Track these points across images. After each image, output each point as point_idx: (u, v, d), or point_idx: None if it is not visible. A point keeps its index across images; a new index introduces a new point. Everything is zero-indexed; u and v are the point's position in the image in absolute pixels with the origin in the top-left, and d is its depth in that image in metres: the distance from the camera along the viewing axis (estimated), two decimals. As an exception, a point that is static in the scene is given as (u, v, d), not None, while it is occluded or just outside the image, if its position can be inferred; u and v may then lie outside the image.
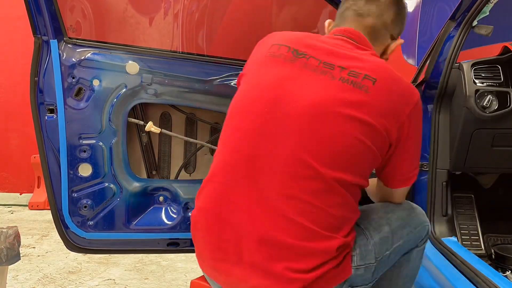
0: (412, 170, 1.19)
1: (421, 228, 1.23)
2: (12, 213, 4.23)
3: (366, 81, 1.03)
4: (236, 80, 1.75)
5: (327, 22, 1.28)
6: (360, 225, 1.12)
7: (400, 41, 1.25)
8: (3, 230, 1.59)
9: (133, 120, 1.75)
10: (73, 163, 1.66)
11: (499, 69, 1.85)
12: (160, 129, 1.75)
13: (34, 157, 4.27)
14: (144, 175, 1.86)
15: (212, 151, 1.91)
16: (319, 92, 1.03)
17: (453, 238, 1.77)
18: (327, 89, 1.03)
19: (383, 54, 1.25)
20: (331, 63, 1.06)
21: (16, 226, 1.64)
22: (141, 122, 1.76)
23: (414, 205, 1.28)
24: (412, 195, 1.90)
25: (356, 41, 1.13)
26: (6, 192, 4.70)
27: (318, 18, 2.08)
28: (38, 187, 4.45)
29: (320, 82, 1.04)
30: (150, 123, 1.72)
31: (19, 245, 1.59)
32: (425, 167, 1.88)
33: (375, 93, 1.03)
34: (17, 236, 1.60)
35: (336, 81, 1.03)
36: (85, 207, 1.68)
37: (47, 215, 1.91)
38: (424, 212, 1.29)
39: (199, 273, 1.14)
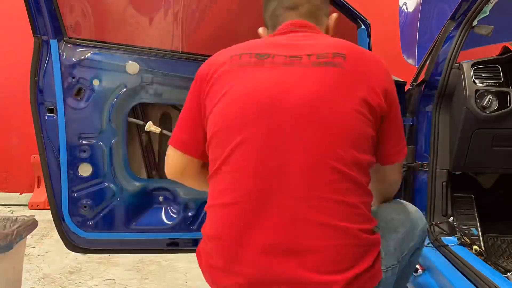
0: (403, 138, 1.19)
1: (425, 229, 1.25)
2: (12, 213, 4.22)
3: (337, 58, 1.03)
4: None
5: (261, 29, 1.29)
6: (379, 227, 1.11)
7: (334, 15, 1.26)
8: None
9: (133, 120, 1.75)
10: (73, 163, 1.65)
11: (499, 69, 1.85)
12: (159, 128, 1.74)
13: (34, 157, 4.27)
14: (144, 175, 1.86)
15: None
16: (304, 83, 1.02)
17: (453, 238, 1.77)
18: (306, 78, 1.02)
19: (327, 33, 1.25)
20: (297, 54, 1.05)
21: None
22: (141, 122, 1.76)
23: (415, 207, 1.29)
24: (412, 195, 1.90)
25: (305, 29, 1.15)
26: (6, 192, 4.69)
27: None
28: (38, 187, 4.45)
29: (298, 74, 1.03)
30: (149, 123, 1.72)
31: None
32: (425, 167, 1.88)
33: (350, 67, 1.03)
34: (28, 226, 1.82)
35: (310, 68, 1.03)
36: (85, 207, 1.68)
37: (47, 215, 1.91)
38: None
39: (199, 273, 1.12)
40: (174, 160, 1.20)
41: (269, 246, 0.96)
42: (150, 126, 1.72)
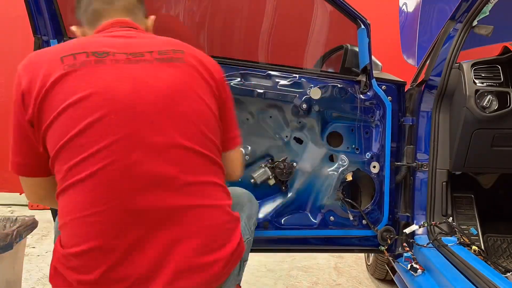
0: (237, 127, 1.27)
1: (257, 210, 1.50)
2: (12, 213, 4.22)
3: (177, 54, 1.07)
4: (236, 80, 1.76)
5: (74, 27, 1.23)
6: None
7: (152, 17, 1.28)
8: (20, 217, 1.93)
9: None
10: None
11: (499, 69, 1.85)
12: None
13: (34, 157, 4.27)
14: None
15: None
16: (154, 79, 1.01)
17: (453, 238, 1.77)
18: (155, 74, 1.02)
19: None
20: (137, 51, 1.04)
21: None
22: None
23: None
24: (412, 195, 1.90)
25: (130, 27, 1.15)
26: (6, 192, 4.69)
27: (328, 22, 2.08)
28: (38, 187, 4.45)
29: (145, 71, 1.02)
30: None
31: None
32: (425, 167, 1.88)
33: (189, 60, 1.08)
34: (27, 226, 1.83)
35: (155, 64, 1.03)
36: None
37: (47, 215, 1.91)
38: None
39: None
40: (28, 188, 1.12)
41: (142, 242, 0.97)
42: None
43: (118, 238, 0.95)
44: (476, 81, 1.81)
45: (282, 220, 1.87)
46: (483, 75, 1.84)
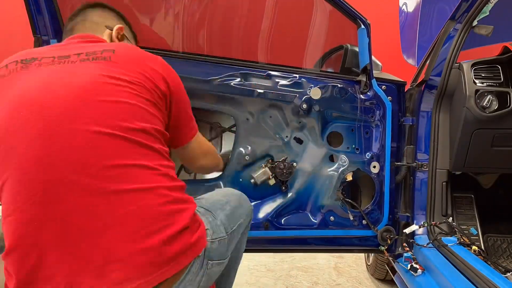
0: (191, 119, 1.30)
1: (250, 212, 1.43)
2: (12, 213, 4.22)
3: (105, 53, 1.09)
4: (236, 80, 1.76)
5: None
6: (204, 207, 1.24)
7: (117, 26, 1.33)
8: None
9: None
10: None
11: (499, 69, 1.85)
12: None
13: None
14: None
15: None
16: (71, 77, 1.03)
17: (453, 238, 1.77)
18: (74, 72, 1.04)
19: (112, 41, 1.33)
20: (66, 55, 1.09)
21: None
22: None
23: (240, 192, 1.46)
24: (412, 195, 1.91)
25: (84, 39, 1.23)
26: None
27: (323, 21, 2.08)
28: (38, 187, 4.45)
29: (65, 71, 1.04)
30: None
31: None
32: (425, 167, 1.88)
33: (119, 58, 1.09)
34: None
35: (78, 63, 1.06)
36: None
37: (47, 215, 1.91)
38: (248, 198, 1.46)
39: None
40: None
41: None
42: None
43: (33, 236, 0.92)
44: (476, 81, 1.82)
45: (282, 220, 1.87)
46: (483, 75, 1.84)
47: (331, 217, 1.89)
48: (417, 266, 1.69)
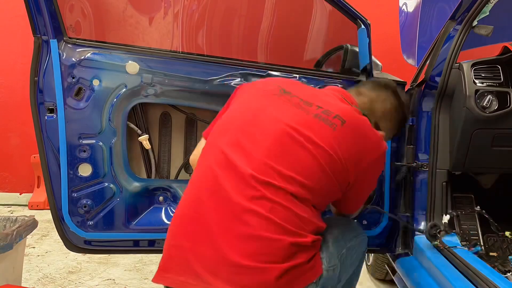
0: (357, 207, 1.49)
1: (362, 237, 1.42)
2: (12, 213, 4.22)
3: (336, 120, 1.20)
4: (235, 80, 1.76)
5: None
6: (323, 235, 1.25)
7: (381, 133, 1.37)
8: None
9: (131, 125, 1.77)
10: (73, 163, 1.65)
11: (499, 69, 1.85)
12: (150, 146, 1.80)
13: (34, 157, 4.27)
14: (144, 175, 1.86)
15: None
16: (293, 118, 1.20)
17: (453, 238, 1.77)
18: (299, 118, 1.20)
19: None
20: (310, 102, 1.25)
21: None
22: (139, 131, 1.79)
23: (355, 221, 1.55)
24: (412, 195, 1.90)
25: (343, 97, 1.35)
26: (6, 192, 4.69)
27: (322, 22, 2.08)
28: (38, 187, 4.45)
29: (295, 112, 1.22)
30: (145, 136, 1.77)
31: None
32: (425, 167, 1.88)
33: (341, 133, 1.19)
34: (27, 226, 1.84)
35: (310, 116, 1.21)
36: (85, 207, 1.68)
37: (47, 215, 1.92)
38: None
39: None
40: None
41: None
42: (143, 139, 1.77)
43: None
44: (476, 81, 1.81)
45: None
46: (483, 75, 1.83)
47: (331, 217, 1.89)
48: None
